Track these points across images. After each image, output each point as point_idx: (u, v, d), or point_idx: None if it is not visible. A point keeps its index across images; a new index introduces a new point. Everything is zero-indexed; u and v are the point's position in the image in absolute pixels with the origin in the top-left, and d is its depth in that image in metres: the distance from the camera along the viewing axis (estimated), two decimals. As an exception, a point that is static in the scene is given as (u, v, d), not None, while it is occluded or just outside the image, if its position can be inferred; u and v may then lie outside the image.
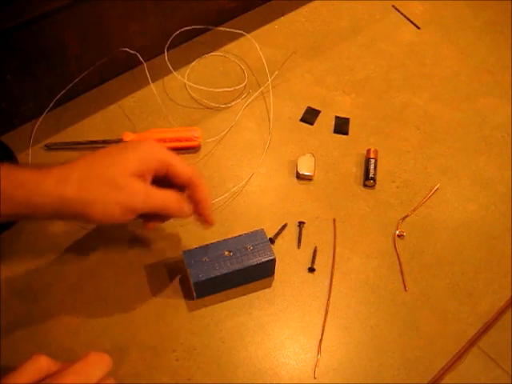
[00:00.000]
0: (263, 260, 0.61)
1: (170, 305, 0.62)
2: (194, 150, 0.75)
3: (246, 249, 0.61)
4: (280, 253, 0.65)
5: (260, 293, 0.64)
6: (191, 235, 0.67)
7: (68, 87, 0.76)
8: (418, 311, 0.63)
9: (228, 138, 0.77)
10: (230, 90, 0.81)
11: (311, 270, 0.65)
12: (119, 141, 0.73)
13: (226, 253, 0.61)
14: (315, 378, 0.58)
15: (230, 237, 0.62)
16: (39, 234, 0.66)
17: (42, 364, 0.44)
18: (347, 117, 0.80)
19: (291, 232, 0.68)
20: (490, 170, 0.75)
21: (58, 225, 0.67)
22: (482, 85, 0.85)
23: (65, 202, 0.51)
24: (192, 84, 0.81)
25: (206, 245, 0.61)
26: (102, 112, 0.78)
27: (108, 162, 0.53)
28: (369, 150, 0.75)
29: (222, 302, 0.63)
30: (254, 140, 0.77)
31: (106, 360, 0.45)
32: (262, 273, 0.63)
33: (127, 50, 0.78)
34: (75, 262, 0.64)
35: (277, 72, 0.83)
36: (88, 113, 0.78)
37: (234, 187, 0.71)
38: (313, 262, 0.66)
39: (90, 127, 0.76)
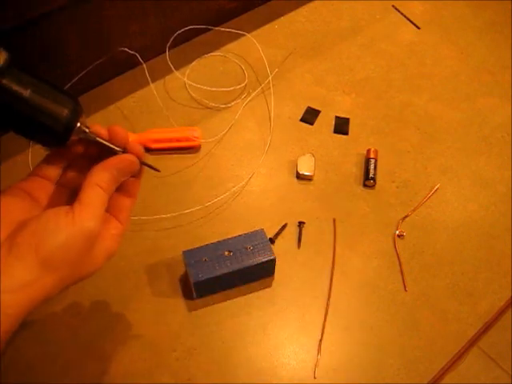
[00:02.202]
0: (263, 260, 0.61)
1: (170, 305, 0.62)
2: (193, 149, 0.75)
3: (246, 249, 0.61)
4: (280, 253, 0.65)
5: (260, 293, 0.64)
6: (191, 235, 0.67)
7: (67, 87, 0.76)
8: (418, 311, 0.63)
9: (228, 137, 0.77)
10: (230, 89, 0.81)
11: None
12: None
13: (226, 253, 0.61)
14: (315, 377, 0.58)
15: (230, 237, 0.62)
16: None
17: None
18: (347, 117, 0.80)
19: (291, 232, 0.68)
20: (490, 170, 0.75)
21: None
22: (482, 85, 0.85)
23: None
24: (192, 84, 0.81)
25: (206, 245, 0.61)
26: (102, 112, 0.78)
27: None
28: (369, 150, 0.75)
29: (222, 302, 0.63)
30: (254, 140, 0.77)
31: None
32: (262, 273, 0.63)
33: (127, 50, 0.78)
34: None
35: (276, 69, 0.83)
36: (88, 113, 0.78)
37: (234, 187, 0.71)
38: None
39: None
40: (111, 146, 0.45)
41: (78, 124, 0.44)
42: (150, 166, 0.49)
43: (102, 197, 0.43)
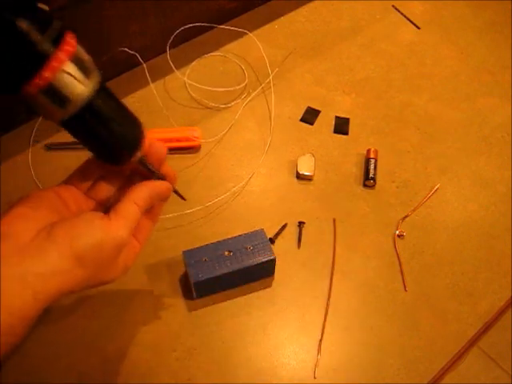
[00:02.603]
0: (263, 260, 0.61)
1: (170, 305, 0.62)
2: (194, 149, 0.75)
3: (246, 249, 0.61)
4: (280, 253, 0.65)
5: (260, 293, 0.64)
6: (191, 235, 0.67)
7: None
8: (418, 311, 0.63)
9: (228, 137, 0.77)
10: (230, 89, 0.81)
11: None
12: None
13: (226, 253, 0.61)
14: (315, 377, 0.58)
15: (229, 237, 0.62)
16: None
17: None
18: (347, 117, 0.80)
19: (291, 232, 0.68)
20: (490, 170, 0.75)
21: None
22: (482, 85, 0.85)
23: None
24: (192, 84, 0.81)
25: (206, 245, 0.61)
26: (102, 112, 0.78)
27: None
28: (369, 150, 0.75)
29: (222, 302, 0.63)
30: (254, 140, 0.77)
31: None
32: (262, 273, 0.63)
33: (127, 50, 0.78)
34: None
35: (276, 69, 0.83)
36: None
37: (234, 187, 0.71)
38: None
39: (90, 127, 0.76)
40: (157, 173, 0.48)
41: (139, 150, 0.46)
42: (179, 195, 0.52)
43: (136, 213, 0.45)
